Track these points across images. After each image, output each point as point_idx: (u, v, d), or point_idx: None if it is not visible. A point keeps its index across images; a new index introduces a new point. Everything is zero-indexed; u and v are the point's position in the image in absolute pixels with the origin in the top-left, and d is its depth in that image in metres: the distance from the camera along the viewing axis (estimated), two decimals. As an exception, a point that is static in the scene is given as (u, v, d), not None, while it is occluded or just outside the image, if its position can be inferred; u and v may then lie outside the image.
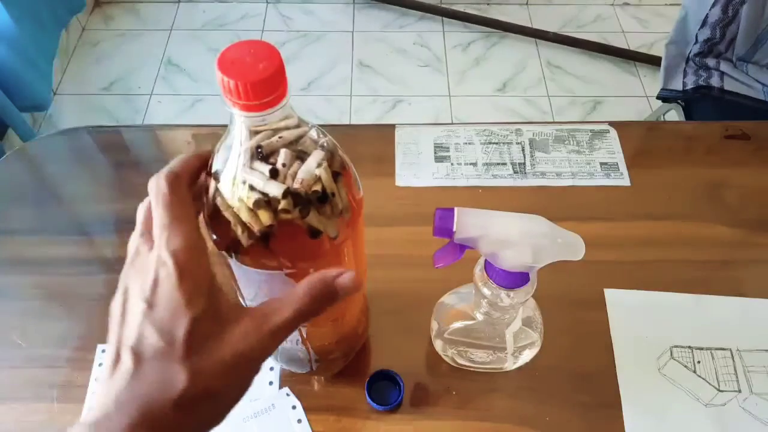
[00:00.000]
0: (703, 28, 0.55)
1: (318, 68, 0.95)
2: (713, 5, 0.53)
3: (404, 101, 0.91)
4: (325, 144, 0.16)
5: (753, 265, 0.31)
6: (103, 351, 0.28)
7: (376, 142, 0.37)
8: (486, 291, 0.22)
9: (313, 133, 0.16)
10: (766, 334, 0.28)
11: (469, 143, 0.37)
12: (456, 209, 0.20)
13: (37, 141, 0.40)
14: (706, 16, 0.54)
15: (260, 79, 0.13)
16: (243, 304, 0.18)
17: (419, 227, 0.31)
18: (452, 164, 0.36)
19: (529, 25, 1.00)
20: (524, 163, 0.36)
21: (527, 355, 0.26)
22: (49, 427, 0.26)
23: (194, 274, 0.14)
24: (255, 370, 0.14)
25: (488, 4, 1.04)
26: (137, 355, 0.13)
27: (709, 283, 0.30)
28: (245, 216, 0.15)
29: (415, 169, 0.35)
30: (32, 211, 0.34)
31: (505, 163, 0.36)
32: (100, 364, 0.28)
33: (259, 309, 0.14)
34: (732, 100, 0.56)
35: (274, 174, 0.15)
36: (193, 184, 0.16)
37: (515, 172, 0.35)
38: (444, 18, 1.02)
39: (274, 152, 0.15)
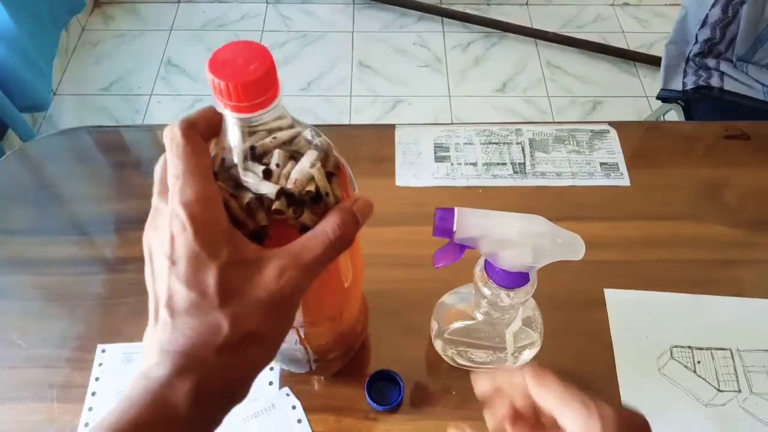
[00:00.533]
0: (703, 28, 0.55)
1: (318, 68, 0.95)
2: (713, 5, 0.53)
3: (404, 101, 0.91)
4: (319, 144, 0.16)
5: (753, 265, 0.31)
6: (104, 351, 0.28)
7: (376, 142, 0.37)
8: (486, 291, 0.22)
9: (307, 134, 0.16)
10: (766, 334, 0.28)
11: (469, 143, 0.37)
12: (456, 209, 0.20)
13: (36, 141, 0.40)
14: (706, 16, 0.54)
15: (251, 80, 0.13)
16: None
17: (419, 227, 0.31)
18: (452, 164, 0.36)
19: (529, 25, 1.00)
20: (524, 163, 0.36)
21: (527, 355, 0.26)
22: (49, 427, 0.26)
23: (209, 224, 0.13)
24: (293, 307, 0.14)
25: (488, 4, 1.04)
26: (172, 310, 0.13)
27: (709, 283, 0.30)
28: (240, 216, 0.15)
29: (415, 169, 0.35)
30: (32, 211, 0.34)
31: (505, 163, 0.36)
32: (100, 364, 0.28)
33: (288, 248, 0.14)
34: (732, 101, 0.56)
35: (267, 174, 0.15)
36: (211, 136, 0.15)
37: (515, 172, 0.35)
38: (444, 18, 1.02)
39: (267, 153, 0.15)
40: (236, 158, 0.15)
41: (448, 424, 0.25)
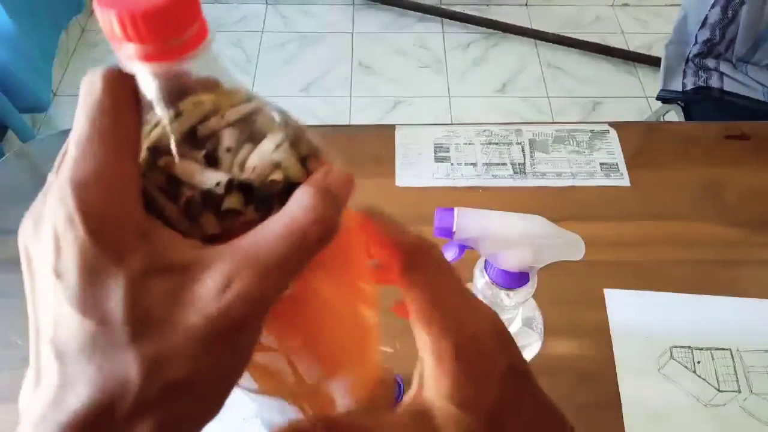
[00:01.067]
0: (702, 29, 0.55)
1: (318, 69, 0.95)
2: (713, 6, 0.53)
3: (404, 102, 0.91)
4: (288, 123, 0.11)
5: (753, 265, 0.31)
6: (103, 351, 0.28)
7: (376, 143, 0.37)
8: (486, 291, 0.22)
9: (270, 110, 0.11)
10: (766, 334, 0.28)
11: (469, 144, 0.37)
12: (456, 209, 0.20)
13: (36, 142, 0.40)
14: (706, 17, 0.54)
15: (157, 6, 0.08)
16: None
17: (419, 227, 0.31)
18: (452, 164, 0.36)
19: (529, 26, 1.00)
20: (524, 164, 0.36)
21: (527, 355, 0.26)
22: (49, 428, 0.26)
23: (112, 214, 0.08)
24: (248, 335, 0.09)
25: (488, 5, 1.04)
26: (59, 351, 0.09)
27: (709, 283, 0.30)
28: (178, 223, 0.09)
29: (415, 170, 0.35)
30: (32, 211, 0.34)
31: (505, 164, 0.36)
32: (99, 365, 0.28)
33: (236, 244, 0.09)
34: (731, 101, 0.56)
35: (212, 161, 0.09)
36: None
37: (515, 173, 0.35)
38: (444, 19, 1.02)
39: (214, 135, 0.10)
40: (170, 141, 0.09)
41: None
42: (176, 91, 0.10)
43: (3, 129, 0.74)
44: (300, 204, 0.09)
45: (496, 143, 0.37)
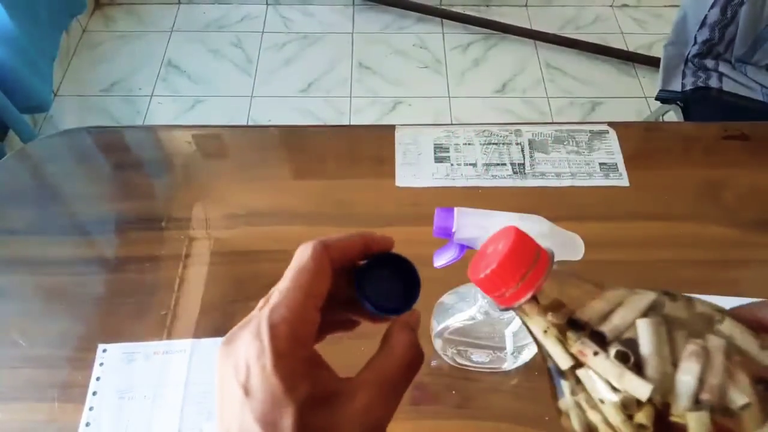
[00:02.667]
0: (701, 29, 0.55)
1: (318, 69, 0.95)
2: (712, 6, 0.53)
3: (404, 102, 0.92)
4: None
5: (751, 265, 0.31)
6: (104, 350, 0.28)
7: (376, 143, 0.37)
8: (485, 290, 0.22)
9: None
10: (765, 334, 0.28)
11: (469, 144, 0.37)
12: (456, 209, 0.20)
13: (37, 142, 0.40)
14: (705, 17, 0.54)
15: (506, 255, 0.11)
16: None
17: (419, 227, 0.31)
18: (452, 165, 0.36)
19: (528, 27, 1.00)
20: (524, 164, 0.36)
21: (527, 355, 0.26)
22: (50, 427, 0.26)
23: (293, 353, 0.11)
24: None
25: (487, 5, 1.04)
26: None
27: (707, 283, 0.30)
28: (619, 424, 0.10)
29: (415, 170, 0.35)
30: (33, 211, 0.34)
31: (504, 164, 0.36)
32: (101, 364, 0.28)
33: (367, 375, 0.13)
34: (731, 101, 0.56)
35: (624, 359, 0.10)
36: (343, 262, 0.14)
37: (515, 173, 0.35)
38: (443, 19, 1.02)
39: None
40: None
41: (448, 424, 0.25)
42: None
43: (4, 129, 0.74)
44: (401, 341, 0.13)
45: (496, 143, 0.37)
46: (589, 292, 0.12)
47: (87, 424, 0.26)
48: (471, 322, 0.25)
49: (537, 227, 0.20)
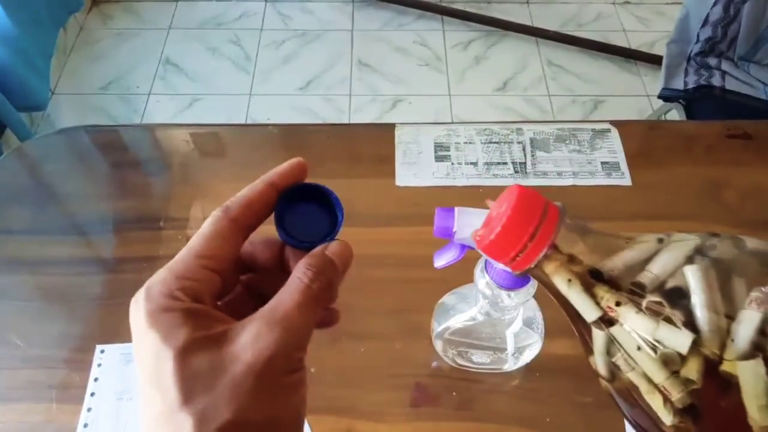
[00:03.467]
0: (704, 27, 0.55)
1: (317, 67, 0.95)
2: (714, 4, 0.53)
3: (404, 100, 0.91)
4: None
5: (754, 264, 0.31)
6: (102, 351, 0.28)
7: (375, 142, 0.37)
8: (486, 291, 0.22)
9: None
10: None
11: (470, 142, 0.37)
12: (456, 209, 0.20)
13: (34, 141, 0.39)
14: (708, 15, 0.54)
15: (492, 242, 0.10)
16: None
17: (419, 227, 0.31)
18: (453, 164, 0.35)
19: (530, 24, 1.00)
20: (525, 163, 0.36)
21: (528, 356, 0.26)
22: (48, 428, 0.26)
23: (169, 306, 0.11)
24: (284, 375, 0.11)
25: (488, 2, 1.04)
26: (143, 421, 0.11)
27: (710, 283, 0.30)
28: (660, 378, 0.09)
29: (415, 169, 0.35)
30: (30, 210, 0.34)
31: (506, 163, 0.35)
32: (99, 365, 0.28)
33: (261, 310, 0.12)
34: (733, 100, 0.56)
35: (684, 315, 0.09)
36: (256, 214, 0.13)
37: (516, 172, 0.35)
38: (444, 16, 1.01)
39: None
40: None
41: (449, 425, 0.25)
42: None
43: (1, 128, 0.73)
44: (301, 266, 0.12)
45: (497, 142, 0.36)
46: (616, 243, 0.11)
47: (85, 425, 0.26)
48: (472, 323, 0.25)
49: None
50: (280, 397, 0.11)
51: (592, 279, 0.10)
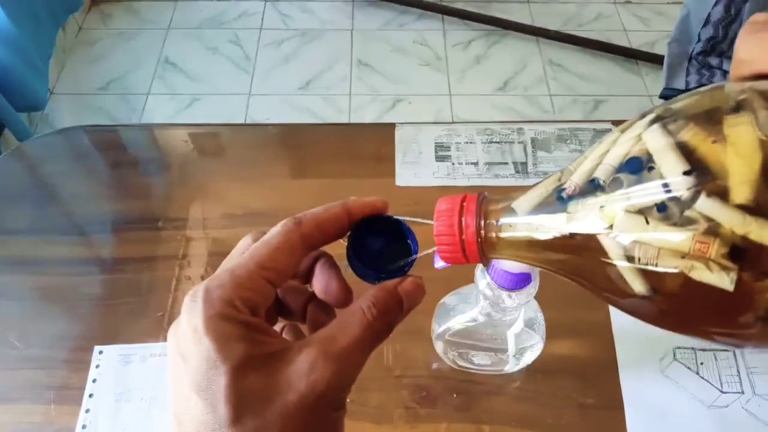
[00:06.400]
0: (705, 27, 0.55)
1: (317, 67, 0.94)
2: (715, 4, 0.53)
3: (404, 100, 0.91)
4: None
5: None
6: (101, 352, 0.28)
7: (376, 142, 0.37)
8: (487, 292, 0.22)
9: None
10: (769, 335, 0.28)
11: (470, 142, 0.36)
12: (457, 209, 0.19)
13: (33, 141, 0.39)
14: (709, 15, 0.54)
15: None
16: None
17: (419, 227, 0.31)
18: (453, 164, 0.35)
19: (531, 23, 0.99)
20: (526, 163, 0.35)
21: (529, 357, 0.26)
22: (46, 429, 0.26)
23: (228, 315, 0.11)
24: (334, 408, 0.11)
25: (489, 2, 1.04)
26: (181, 424, 0.11)
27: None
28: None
29: (415, 169, 0.35)
30: (29, 211, 0.34)
31: (506, 163, 0.35)
32: (97, 366, 0.28)
33: (319, 334, 0.12)
34: (734, 99, 0.55)
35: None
36: (325, 236, 0.13)
37: (517, 172, 0.35)
38: (444, 16, 1.01)
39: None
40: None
41: (449, 427, 0.25)
42: None
43: (0, 128, 0.73)
44: (367, 300, 0.12)
45: (498, 142, 0.36)
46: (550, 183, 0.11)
47: (83, 427, 0.26)
48: (472, 324, 0.25)
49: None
50: (332, 422, 0.11)
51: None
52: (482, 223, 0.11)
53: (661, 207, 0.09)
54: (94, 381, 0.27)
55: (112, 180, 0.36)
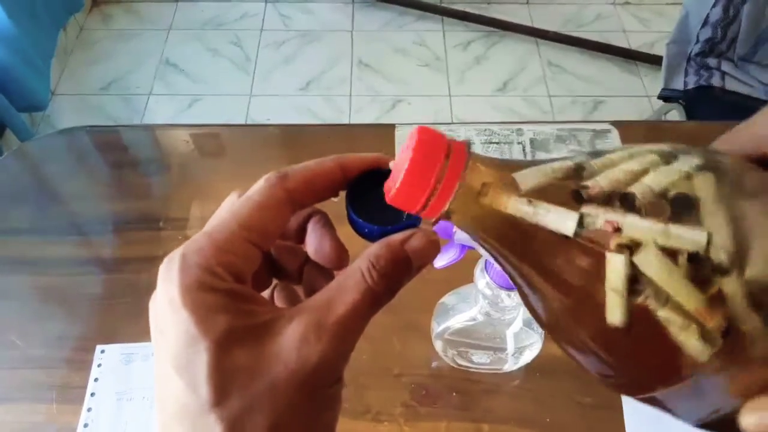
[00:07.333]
0: (704, 28, 0.55)
1: (317, 68, 0.95)
2: (714, 5, 0.53)
3: (404, 101, 0.91)
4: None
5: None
6: (103, 351, 0.28)
7: (375, 142, 0.37)
8: (486, 291, 0.22)
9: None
10: None
11: (470, 143, 0.37)
12: (457, 209, 0.19)
13: (35, 141, 0.39)
14: (707, 16, 0.54)
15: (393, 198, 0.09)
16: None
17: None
18: (452, 164, 0.35)
19: (530, 25, 1.00)
20: (525, 163, 0.36)
21: (528, 356, 0.26)
22: (48, 428, 0.26)
23: (208, 284, 0.09)
24: (329, 384, 0.10)
25: (488, 3, 1.04)
26: (162, 406, 0.09)
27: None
28: (691, 302, 0.08)
29: (415, 169, 0.35)
30: (30, 211, 0.34)
31: (505, 163, 0.35)
32: (99, 365, 0.28)
33: (311, 303, 0.10)
34: (733, 100, 0.56)
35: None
36: (315, 192, 0.11)
37: (516, 172, 0.35)
38: (444, 17, 1.01)
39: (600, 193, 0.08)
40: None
41: (449, 425, 0.25)
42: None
43: (1, 128, 0.73)
44: (366, 260, 0.10)
45: (497, 142, 0.36)
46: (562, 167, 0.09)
47: (85, 425, 0.26)
48: (472, 323, 0.25)
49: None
50: (317, 410, 0.10)
51: (574, 201, 0.09)
52: (464, 174, 0.09)
53: (694, 258, 0.08)
54: (95, 380, 0.27)
55: (113, 180, 0.36)
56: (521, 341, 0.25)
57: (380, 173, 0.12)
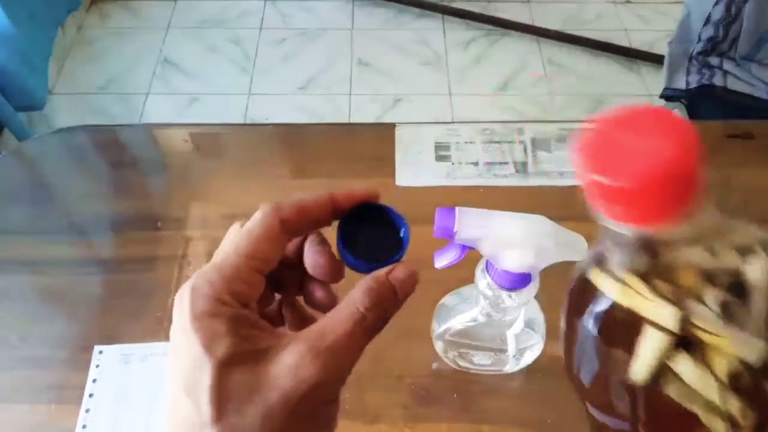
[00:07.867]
0: (706, 27, 0.55)
1: (317, 66, 0.94)
2: (716, 3, 0.53)
3: (404, 100, 0.91)
4: None
5: (756, 265, 0.31)
6: (101, 352, 0.28)
7: (375, 142, 0.37)
8: (487, 292, 0.22)
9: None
10: None
11: (470, 142, 0.36)
12: (457, 209, 0.19)
13: (33, 140, 0.39)
14: (709, 15, 0.54)
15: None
16: None
17: (419, 227, 0.31)
18: (453, 164, 0.35)
19: (531, 23, 0.99)
20: (526, 163, 0.35)
21: (529, 357, 0.26)
22: (47, 429, 0.26)
23: (214, 311, 0.11)
24: (323, 407, 0.11)
25: (489, 1, 1.03)
26: (171, 422, 0.11)
27: (712, 283, 0.30)
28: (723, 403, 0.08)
29: (415, 169, 0.35)
30: (28, 211, 0.34)
31: (506, 163, 0.35)
32: (97, 366, 0.28)
33: (309, 329, 0.11)
34: (735, 99, 0.55)
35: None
36: (300, 227, 0.13)
37: (517, 172, 0.35)
38: (444, 15, 1.01)
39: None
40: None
41: (449, 427, 0.25)
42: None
43: None
44: (359, 292, 0.12)
45: (498, 142, 0.36)
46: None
47: (83, 426, 0.26)
48: (473, 324, 0.25)
49: (540, 227, 0.19)
50: (311, 429, 0.11)
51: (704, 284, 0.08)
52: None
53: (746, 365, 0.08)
54: (94, 381, 0.27)
55: (111, 180, 0.36)
56: (522, 342, 0.25)
57: (370, 207, 0.13)
